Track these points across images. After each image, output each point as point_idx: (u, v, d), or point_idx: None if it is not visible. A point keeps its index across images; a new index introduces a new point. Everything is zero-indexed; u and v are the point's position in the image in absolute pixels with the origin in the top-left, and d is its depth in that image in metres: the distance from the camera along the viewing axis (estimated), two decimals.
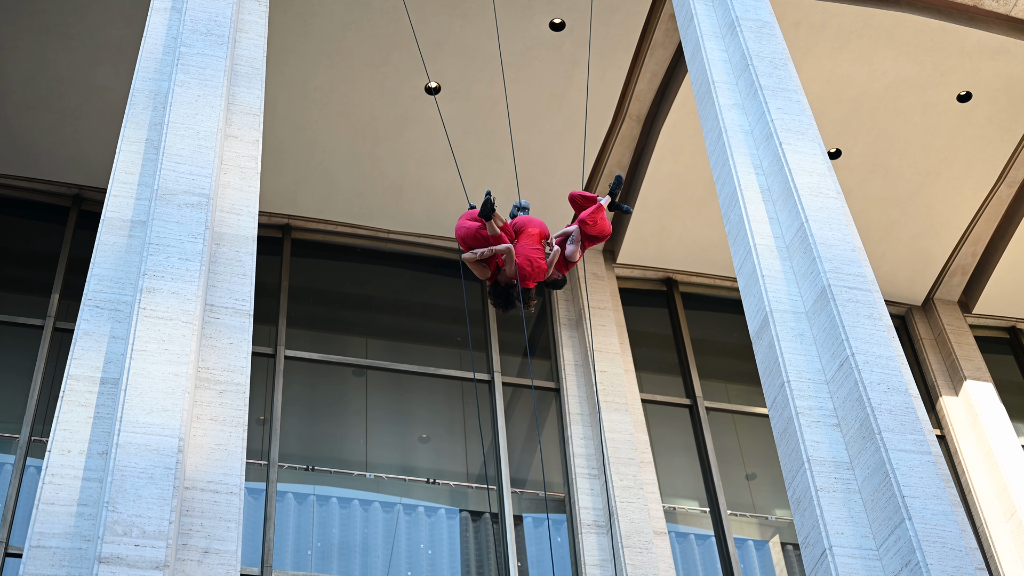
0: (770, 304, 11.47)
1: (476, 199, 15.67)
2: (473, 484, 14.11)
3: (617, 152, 15.88)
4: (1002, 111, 15.94)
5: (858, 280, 11.35)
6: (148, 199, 10.42)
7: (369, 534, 13.35)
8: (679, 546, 14.04)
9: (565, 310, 15.54)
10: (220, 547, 8.56)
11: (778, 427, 10.91)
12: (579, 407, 14.48)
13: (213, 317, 9.93)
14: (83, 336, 9.40)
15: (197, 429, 9.14)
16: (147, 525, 8.22)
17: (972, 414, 15.97)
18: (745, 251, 12.05)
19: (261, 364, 13.96)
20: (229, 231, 10.50)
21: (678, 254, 16.31)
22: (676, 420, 15.27)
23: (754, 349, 11.65)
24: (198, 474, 8.88)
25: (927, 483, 9.87)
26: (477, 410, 14.41)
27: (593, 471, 13.90)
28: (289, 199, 15.61)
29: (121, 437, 8.62)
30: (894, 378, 10.59)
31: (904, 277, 17.19)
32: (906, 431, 10.19)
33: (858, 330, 10.88)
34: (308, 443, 13.95)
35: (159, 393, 8.94)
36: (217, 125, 11.00)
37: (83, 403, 9.00)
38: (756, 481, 15.07)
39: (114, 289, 9.77)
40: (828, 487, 10.17)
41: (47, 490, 8.49)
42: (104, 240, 10.07)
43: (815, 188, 12.09)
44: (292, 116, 15.05)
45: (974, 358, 16.60)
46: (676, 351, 16.03)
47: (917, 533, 9.49)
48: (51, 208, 15.25)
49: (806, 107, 12.71)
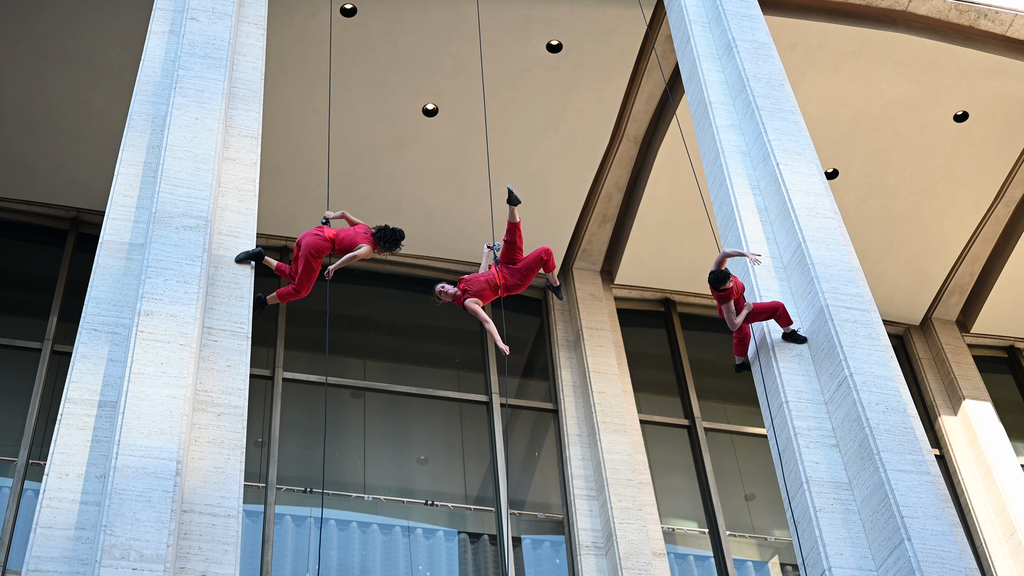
0: (768, 324, 11.47)
1: (471, 220, 15.69)
2: (472, 506, 14.08)
3: (614, 173, 15.91)
4: (999, 130, 15.98)
5: (856, 300, 11.35)
6: (146, 222, 10.42)
7: (367, 556, 13.32)
8: (678, 567, 14.01)
9: (563, 331, 15.54)
10: (218, 570, 8.54)
11: (776, 447, 10.90)
12: (577, 428, 14.46)
13: (211, 340, 9.93)
14: (81, 359, 9.39)
15: (195, 452, 9.13)
16: (145, 549, 8.20)
17: (971, 434, 15.96)
18: (742, 271, 12.06)
19: (259, 386, 13.95)
20: (227, 253, 10.50)
21: (676, 274, 16.32)
22: (674, 441, 15.25)
23: (752, 369, 11.65)
24: (196, 497, 8.86)
25: (926, 503, 9.86)
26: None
27: (592, 492, 13.88)
28: (287, 221, 15.62)
29: (119, 460, 8.60)
30: (892, 398, 10.59)
31: (902, 297, 17.20)
32: (905, 451, 10.18)
33: (856, 350, 10.87)
34: (306, 465, 13.92)
35: (157, 416, 8.92)
36: (215, 148, 11.01)
37: (81, 426, 8.99)
38: (755, 501, 15.05)
39: (112, 312, 9.77)
40: (827, 507, 10.15)
41: (45, 514, 8.47)
42: (102, 263, 10.06)
43: (812, 208, 12.10)
44: (290, 138, 15.07)
45: (972, 377, 16.59)
46: (674, 371, 16.02)
47: (916, 554, 9.48)
48: (49, 231, 15.26)
49: (803, 127, 12.74)
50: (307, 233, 10.89)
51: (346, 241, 10.82)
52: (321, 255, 10.77)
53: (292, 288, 10.97)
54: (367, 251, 10.77)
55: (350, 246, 10.75)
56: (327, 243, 10.80)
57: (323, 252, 10.77)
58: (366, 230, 10.94)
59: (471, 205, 15.75)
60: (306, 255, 10.76)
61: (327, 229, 10.89)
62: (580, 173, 15.76)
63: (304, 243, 10.81)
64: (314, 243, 10.77)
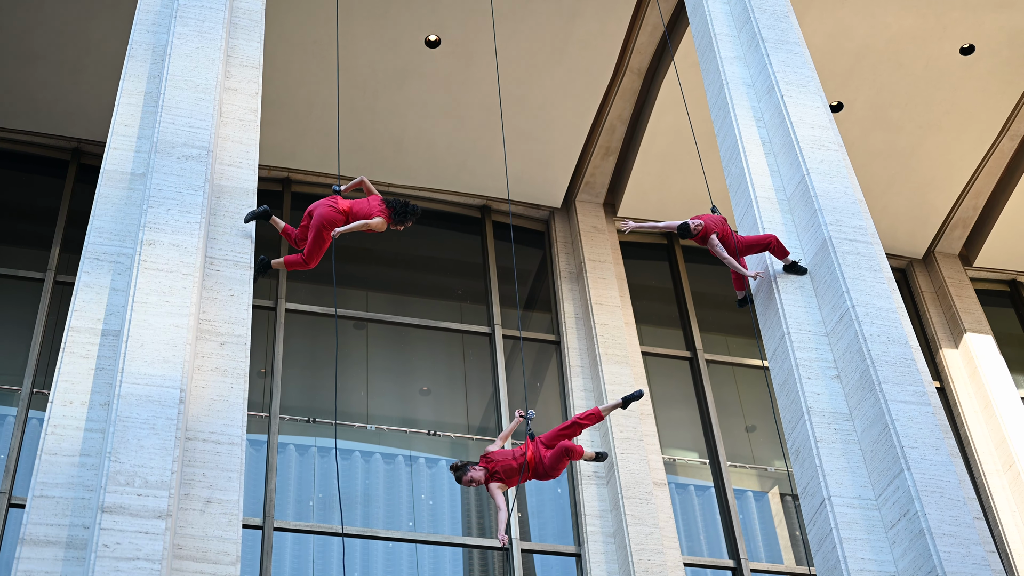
0: (769, 257, 11.47)
1: (473, 152, 15.62)
2: (474, 436, 14.16)
3: (618, 105, 15.83)
4: (1004, 64, 15.88)
5: (859, 233, 11.34)
6: (147, 152, 10.40)
7: (371, 485, 13.42)
8: (679, 497, 14.11)
9: (566, 263, 15.54)
10: (222, 497, 8.61)
11: (778, 379, 10.94)
12: (579, 359, 14.51)
13: (214, 269, 9.94)
14: (84, 288, 9.41)
15: (198, 380, 9.17)
16: (149, 475, 8.26)
17: (972, 366, 16.01)
18: (746, 204, 12.04)
19: (262, 317, 13.98)
20: (229, 184, 10.49)
21: (679, 207, 16.28)
22: (676, 372, 15.31)
23: (755, 301, 11.67)
24: (200, 425, 8.91)
25: (926, 434, 9.91)
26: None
27: None
28: (288, 153, 15.58)
29: (123, 388, 8.64)
30: (894, 330, 10.61)
31: (905, 230, 17.18)
32: (905, 382, 10.22)
33: (859, 282, 10.88)
34: (309, 396, 13.99)
35: (160, 344, 8.95)
36: (216, 78, 10.95)
37: (84, 355, 9.02)
38: (756, 433, 15.13)
39: (114, 242, 9.77)
40: (827, 438, 10.21)
41: (50, 440, 8.52)
42: (104, 193, 10.05)
43: (817, 141, 12.06)
44: (291, 70, 14.99)
45: (974, 311, 16.62)
46: (676, 304, 16.04)
47: (916, 483, 9.54)
48: (50, 162, 15.22)
49: (808, 60, 12.66)
50: (320, 203, 10.54)
51: (360, 215, 10.50)
52: (333, 227, 10.43)
53: (301, 258, 10.65)
54: (380, 223, 10.48)
55: (364, 219, 10.49)
56: (340, 216, 10.47)
57: (336, 225, 10.44)
58: (380, 201, 10.64)
59: (473, 137, 15.70)
60: (318, 226, 10.44)
61: (341, 201, 10.56)
62: (583, 105, 15.68)
63: (316, 214, 10.48)
64: (327, 215, 10.44)
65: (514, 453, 9.89)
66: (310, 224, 10.55)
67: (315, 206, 10.57)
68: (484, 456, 9.97)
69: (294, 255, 10.72)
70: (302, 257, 10.64)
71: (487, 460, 9.90)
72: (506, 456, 9.88)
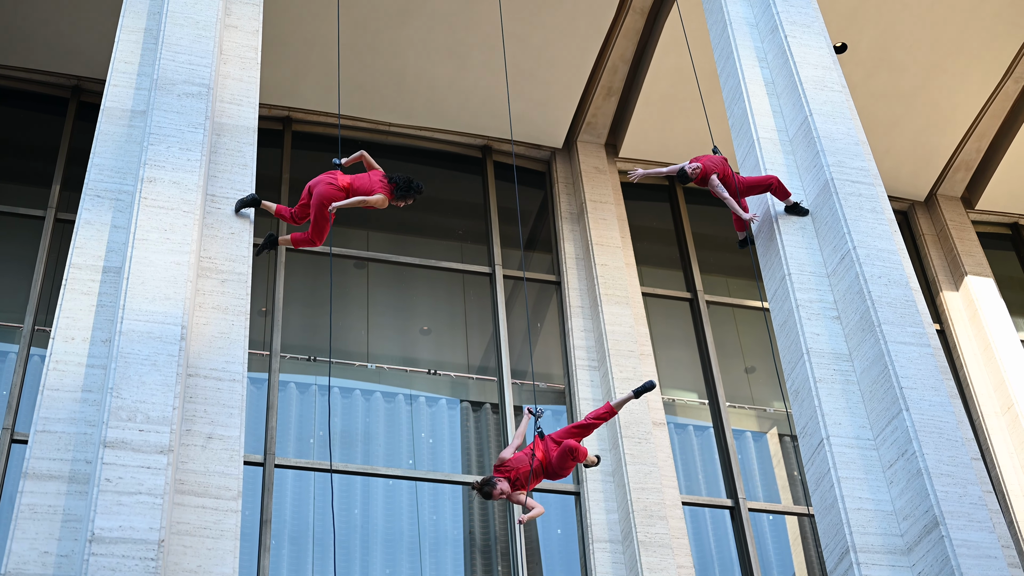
0: (771, 198, 11.45)
1: (475, 91, 15.55)
2: (474, 375, 14.22)
3: (620, 45, 15.74)
4: (1010, 5, 15.76)
5: (861, 174, 11.32)
6: (148, 89, 10.36)
7: (371, 424, 13.49)
8: (678, 437, 14.19)
9: (567, 204, 15.52)
10: (223, 433, 8.66)
11: (778, 319, 10.97)
12: (580, 300, 14.53)
13: (215, 207, 9.94)
14: (85, 225, 9.41)
15: (199, 317, 9.20)
16: (151, 411, 8.30)
17: (972, 309, 16.03)
18: (748, 144, 12.01)
19: (262, 256, 13.98)
20: (229, 121, 10.46)
21: (681, 148, 16.21)
22: (676, 313, 15.33)
23: (755, 242, 11.66)
24: (201, 361, 8.94)
25: (925, 375, 9.94)
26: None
27: (593, 363, 14.00)
28: (289, 91, 15.50)
29: (124, 325, 8.67)
30: (895, 271, 10.62)
31: (907, 172, 17.13)
32: (906, 324, 10.24)
33: (860, 224, 10.88)
34: (310, 334, 14.03)
35: (161, 282, 8.97)
36: (216, 14, 10.89)
37: (86, 291, 9.04)
38: (755, 374, 15.18)
39: (115, 179, 9.76)
40: (827, 378, 10.25)
41: (51, 376, 8.56)
42: (104, 130, 10.03)
43: (820, 81, 12.01)
44: (292, 7, 14.88)
45: (975, 253, 16.61)
46: (677, 245, 16.04)
47: (914, 423, 9.59)
48: (50, 99, 15.15)
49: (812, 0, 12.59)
50: (320, 180, 10.36)
51: (360, 190, 10.31)
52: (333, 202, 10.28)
53: (308, 237, 10.52)
54: (381, 200, 10.30)
55: (364, 195, 10.30)
56: (341, 193, 10.29)
57: (336, 201, 10.27)
58: (382, 177, 10.45)
59: (475, 76, 15.62)
60: (318, 205, 10.26)
61: (340, 176, 10.38)
62: (585, 45, 15.58)
63: (316, 192, 10.31)
64: (327, 193, 10.27)
65: (528, 457, 9.86)
66: (311, 202, 10.37)
67: (315, 183, 10.39)
68: (501, 465, 9.91)
69: (302, 234, 10.61)
70: (309, 237, 10.53)
71: (505, 469, 9.85)
72: (522, 462, 9.85)
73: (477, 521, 13.02)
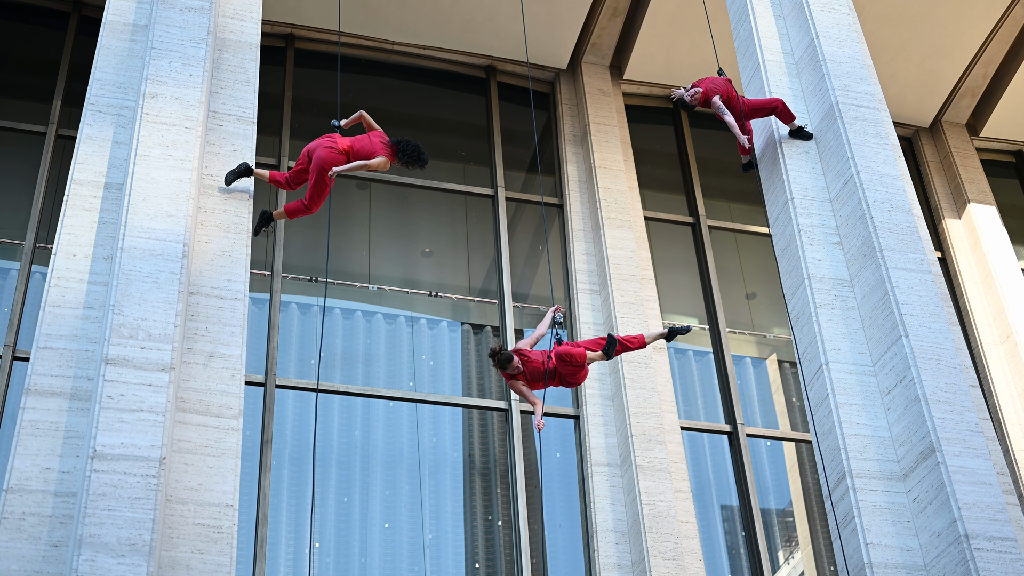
0: (775, 122, 11.39)
1: (479, 10, 15.40)
2: (475, 298, 14.23)
3: None
4: None
5: (866, 98, 11.26)
6: (150, 2, 10.26)
7: (372, 345, 13.53)
8: (677, 362, 14.23)
9: (570, 126, 15.44)
10: (225, 351, 8.69)
11: (780, 244, 10.96)
12: (582, 223, 14.50)
13: (216, 124, 9.89)
14: (86, 140, 9.37)
15: (201, 235, 9.19)
16: (153, 328, 8.33)
17: (974, 237, 16.01)
18: (753, 67, 11.92)
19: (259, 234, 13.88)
20: (232, 37, 10.37)
21: (686, 70, 16.10)
22: (678, 238, 15.31)
23: (759, 166, 11.62)
24: (203, 280, 8.95)
25: (925, 301, 9.96)
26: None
27: (595, 287, 14.00)
28: (292, 8, 15.35)
29: (126, 242, 8.66)
30: (898, 197, 10.60)
31: (913, 98, 17.02)
32: (907, 250, 10.24)
33: (864, 149, 10.84)
34: (312, 254, 14.02)
35: (163, 198, 8.96)
36: None
37: (87, 207, 9.03)
38: (756, 300, 15.20)
39: (116, 94, 9.71)
40: (827, 304, 10.26)
41: (53, 293, 8.57)
42: (106, 44, 9.96)
43: (827, 3, 11.90)
44: None
45: (979, 181, 16.55)
46: (680, 169, 15.98)
47: (913, 350, 9.61)
48: (51, 13, 15.00)
49: None
50: (318, 144, 10.09)
51: (362, 154, 10.06)
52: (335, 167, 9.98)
53: (302, 204, 10.20)
54: (383, 162, 10.07)
55: (367, 158, 10.06)
56: (341, 156, 10.02)
57: (336, 166, 9.98)
58: (383, 138, 10.20)
59: (475, 3, 15.46)
60: (318, 169, 9.97)
61: (340, 139, 10.11)
62: None
63: (316, 156, 10.03)
64: (327, 157, 9.97)
65: (543, 357, 9.89)
66: (309, 167, 10.11)
67: (313, 147, 10.12)
68: (516, 351, 9.93)
69: (294, 203, 10.30)
70: (303, 203, 10.22)
71: (521, 355, 9.88)
72: (537, 357, 9.89)
73: (477, 444, 13.10)
